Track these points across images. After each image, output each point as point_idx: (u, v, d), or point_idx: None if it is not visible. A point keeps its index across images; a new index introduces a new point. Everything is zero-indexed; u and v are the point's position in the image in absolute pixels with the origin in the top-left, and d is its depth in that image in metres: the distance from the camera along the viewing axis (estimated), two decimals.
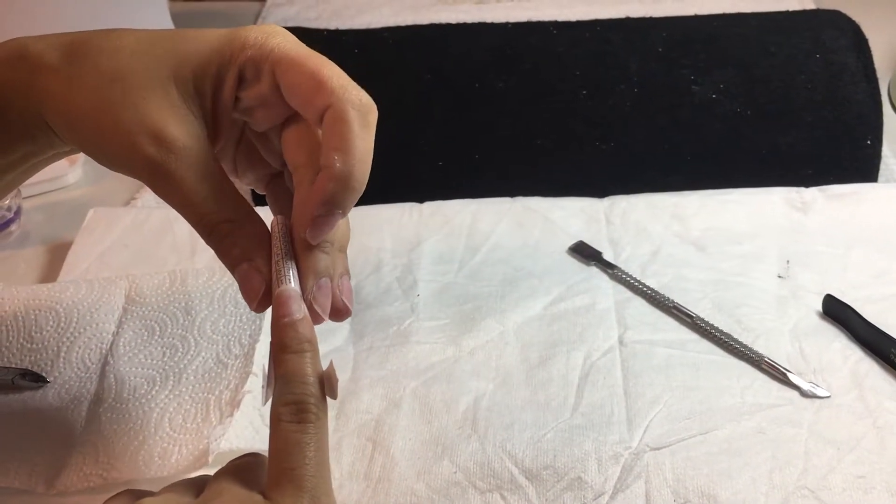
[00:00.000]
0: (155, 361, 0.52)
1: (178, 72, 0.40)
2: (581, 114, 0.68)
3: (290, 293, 0.39)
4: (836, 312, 0.55)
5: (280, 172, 0.46)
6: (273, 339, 0.39)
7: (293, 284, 0.39)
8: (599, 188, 0.68)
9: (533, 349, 0.55)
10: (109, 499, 0.38)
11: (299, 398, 0.37)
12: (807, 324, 0.55)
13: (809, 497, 0.45)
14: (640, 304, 0.58)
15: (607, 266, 0.60)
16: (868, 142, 0.67)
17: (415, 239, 0.64)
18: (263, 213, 0.41)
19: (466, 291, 0.59)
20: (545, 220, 0.65)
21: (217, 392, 0.49)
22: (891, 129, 0.71)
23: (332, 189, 0.37)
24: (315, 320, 0.39)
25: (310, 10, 1.00)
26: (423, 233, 0.64)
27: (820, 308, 0.56)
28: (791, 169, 0.68)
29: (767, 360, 0.52)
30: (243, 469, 0.39)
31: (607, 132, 0.68)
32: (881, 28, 0.76)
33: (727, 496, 0.45)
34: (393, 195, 0.67)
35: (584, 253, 0.62)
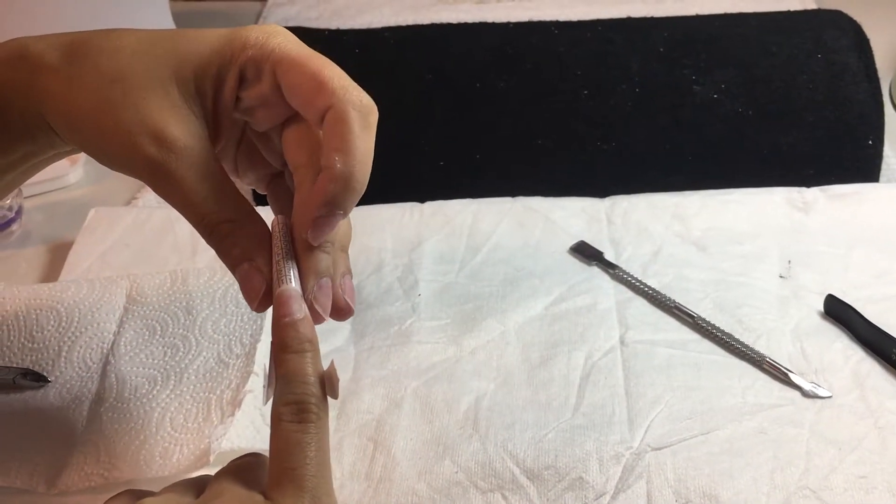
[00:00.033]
0: (156, 361, 0.52)
1: (179, 72, 0.39)
2: (582, 114, 0.68)
3: (291, 293, 0.39)
4: (838, 312, 0.55)
5: (281, 172, 0.45)
6: (274, 339, 0.38)
7: (294, 284, 0.39)
8: (600, 188, 0.68)
9: (534, 349, 0.55)
10: (110, 499, 0.38)
11: (300, 398, 0.37)
12: (808, 324, 0.55)
13: (811, 497, 0.45)
14: (642, 304, 0.58)
15: (608, 266, 0.60)
16: (869, 142, 0.67)
17: (416, 239, 0.64)
18: (265, 213, 0.41)
19: (467, 291, 0.59)
20: (546, 220, 0.65)
21: (218, 392, 0.49)
22: (892, 129, 0.71)
23: (333, 190, 0.37)
24: (316, 320, 0.39)
25: (310, 10, 1.00)
26: (424, 233, 0.64)
27: (821, 308, 0.56)
28: (792, 169, 0.68)
29: (769, 361, 0.52)
30: (244, 469, 0.39)
31: (608, 132, 0.68)
32: (882, 28, 0.76)
33: (729, 496, 0.45)
34: (394, 195, 0.67)
35: (586, 253, 0.62)
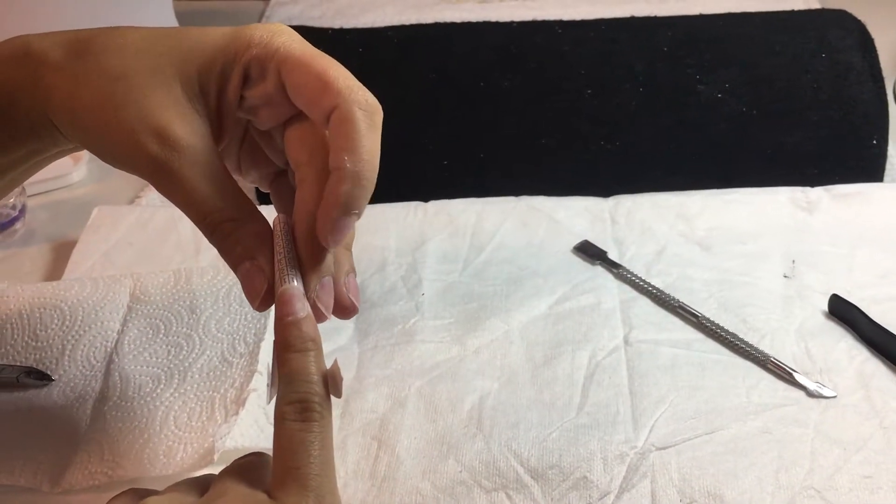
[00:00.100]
0: (160, 360, 0.52)
1: (183, 70, 0.39)
2: (586, 113, 0.68)
3: (293, 292, 0.38)
4: (842, 312, 0.55)
5: (284, 171, 0.45)
6: (276, 338, 0.38)
7: (296, 283, 0.39)
8: (604, 187, 0.68)
9: (538, 348, 0.55)
10: (114, 497, 0.38)
11: (303, 397, 0.37)
12: (813, 323, 0.55)
13: (816, 497, 0.45)
14: (646, 304, 0.58)
15: (612, 265, 0.60)
16: (874, 141, 0.67)
17: (419, 238, 0.64)
18: (268, 212, 0.41)
19: (471, 290, 0.59)
20: (550, 220, 0.65)
21: (222, 390, 0.49)
22: None
23: (347, 191, 0.37)
24: (318, 319, 0.39)
25: (313, 9, 1.00)
26: (428, 232, 0.64)
27: (826, 308, 0.56)
28: (796, 168, 0.67)
29: (773, 360, 0.52)
30: (247, 468, 0.39)
31: (612, 131, 0.67)
32: (887, 27, 0.76)
33: (733, 496, 0.45)
34: (398, 194, 0.67)
35: (589, 252, 0.62)
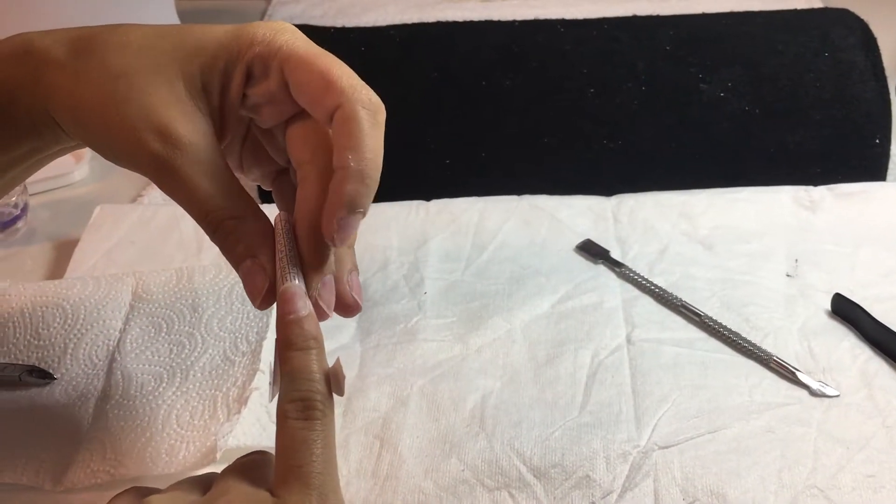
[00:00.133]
0: (162, 358, 0.52)
1: (186, 67, 0.39)
2: (588, 112, 0.68)
3: (295, 290, 0.38)
4: (845, 311, 0.55)
5: (286, 169, 0.45)
6: (278, 336, 0.38)
7: (298, 281, 0.39)
8: (607, 186, 0.68)
9: (540, 347, 0.55)
10: (116, 496, 0.38)
11: (305, 395, 0.37)
12: (815, 323, 0.55)
13: (819, 496, 0.45)
14: (648, 303, 0.57)
15: (615, 264, 0.60)
16: (877, 140, 0.67)
17: (421, 237, 0.64)
18: (270, 210, 0.41)
19: (473, 289, 0.59)
20: (552, 219, 0.65)
21: (224, 389, 0.49)
22: None
23: (352, 190, 0.37)
24: (320, 317, 0.39)
25: (315, 8, 1.00)
26: (430, 231, 0.64)
27: (828, 307, 0.56)
28: (799, 167, 0.67)
29: (776, 359, 0.52)
30: (250, 467, 0.39)
31: (614, 130, 0.67)
32: (890, 26, 0.76)
33: (736, 495, 0.45)
34: (400, 193, 0.67)
35: (592, 251, 0.61)
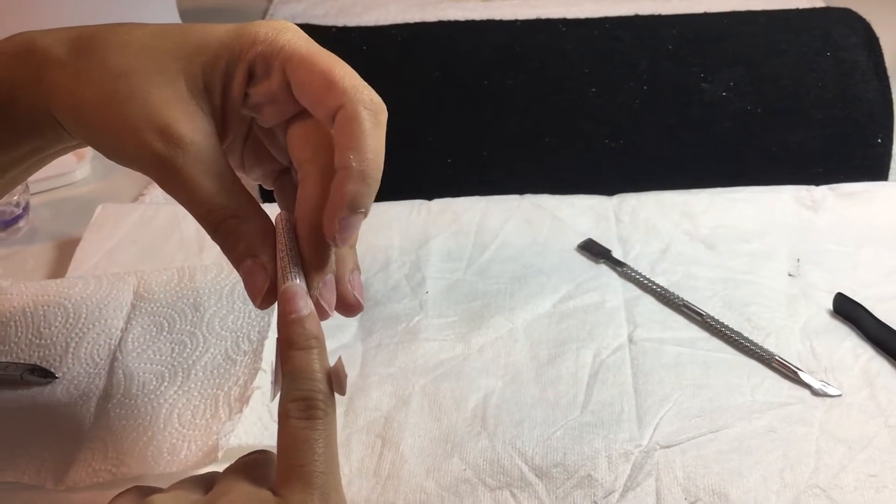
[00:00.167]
0: (163, 357, 0.52)
1: (187, 67, 0.39)
2: (590, 112, 0.67)
3: (297, 289, 0.38)
4: (847, 311, 0.55)
5: (287, 168, 0.45)
6: (280, 336, 0.38)
7: (299, 281, 0.39)
8: (608, 186, 0.67)
9: (542, 347, 0.54)
10: (118, 495, 0.38)
11: (307, 394, 0.37)
12: (817, 322, 0.55)
13: (821, 496, 0.45)
14: (650, 302, 0.57)
15: (616, 264, 0.60)
16: (879, 140, 0.67)
17: (423, 236, 0.63)
18: (271, 209, 0.41)
19: (475, 289, 0.59)
20: (554, 218, 0.65)
21: (226, 388, 0.49)
22: None
23: (353, 190, 0.37)
24: (321, 316, 0.39)
25: (317, 7, 0.99)
26: (432, 230, 0.64)
27: (830, 306, 0.56)
28: (801, 167, 0.67)
29: (778, 359, 0.52)
30: (252, 466, 0.39)
31: (616, 130, 0.67)
32: (892, 26, 0.76)
33: (738, 495, 0.45)
34: (401, 192, 0.67)
35: (593, 251, 0.61)
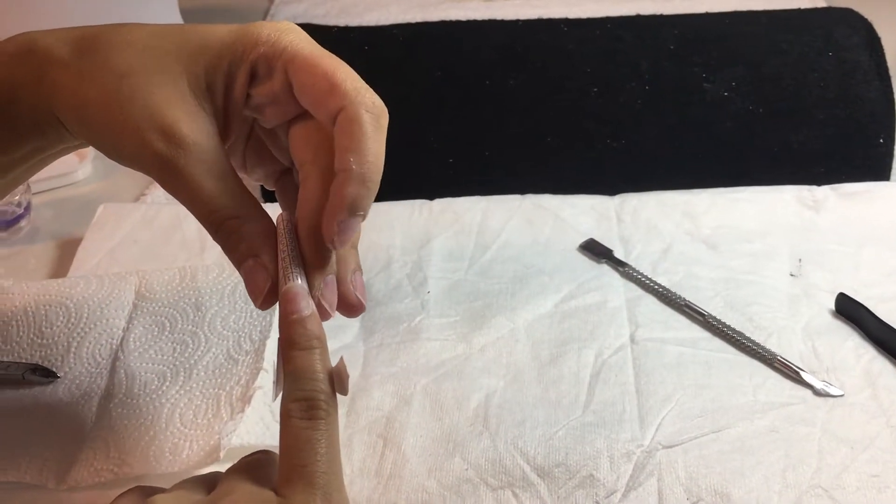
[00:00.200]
0: (165, 357, 0.52)
1: (190, 67, 0.39)
2: (591, 111, 0.67)
3: (298, 290, 0.38)
4: (849, 311, 0.55)
5: (289, 169, 0.45)
6: (281, 336, 0.38)
7: (300, 281, 0.39)
8: (610, 186, 0.67)
9: (544, 346, 0.54)
10: (120, 495, 0.38)
11: (309, 395, 0.37)
12: (819, 322, 0.55)
13: (823, 496, 0.45)
14: (652, 302, 0.57)
15: (618, 264, 0.60)
16: (880, 140, 0.67)
17: (425, 236, 0.63)
18: (273, 209, 0.41)
19: (477, 288, 0.59)
20: (555, 218, 0.65)
21: (228, 388, 0.49)
22: None
23: (353, 193, 0.37)
24: (323, 316, 0.39)
25: (318, 7, 0.99)
26: (433, 230, 0.64)
27: (832, 306, 0.56)
28: (803, 167, 0.67)
29: (780, 359, 0.52)
30: (254, 466, 0.39)
31: (618, 130, 0.67)
32: (894, 26, 0.76)
33: (740, 495, 0.45)
34: (403, 192, 0.67)
35: (595, 250, 0.61)
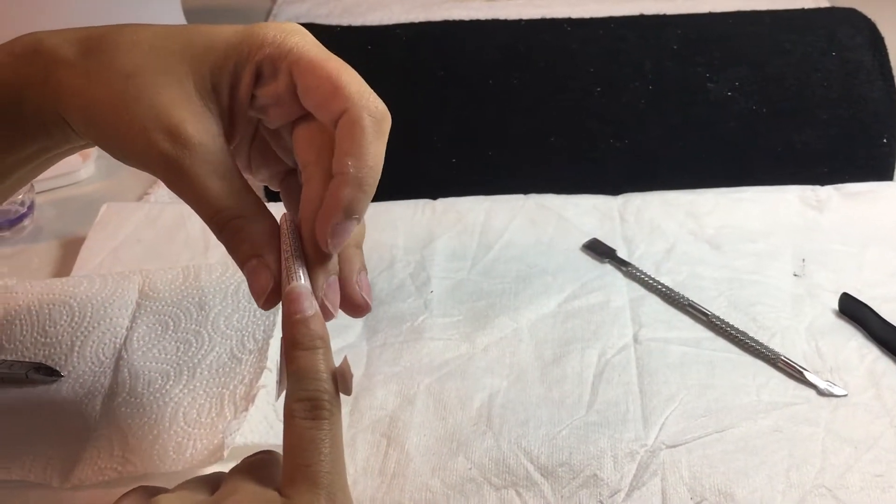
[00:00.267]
0: (169, 356, 0.52)
1: (195, 68, 0.39)
2: (594, 111, 0.68)
3: (301, 290, 0.38)
4: (853, 311, 0.55)
5: (294, 170, 0.45)
6: (285, 336, 0.38)
7: (304, 281, 0.39)
8: (613, 186, 0.67)
9: (547, 346, 0.55)
10: (123, 495, 0.38)
11: (312, 395, 0.37)
12: (823, 322, 0.55)
13: (827, 496, 0.45)
14: (655, 302, 0.57)
15: (621, 263, 0.60)
16: (884, 140, 0.67)
17: (428, 236, 0.64)
18: (277, 210, 0.41)
19: (480, 288, 0.59)
20: (559, 218, 0.65)
21: (231, 387, 0.49)
22: None
23: (348, 196, 0.37)
24: (326, 316, 0.39)
25: (321, 7, 0.99)
26: (437, 229, 0.64)
27: (836, 306, 0.56)
28: (806, 167, 0.67)
29: (783, 359, 0.52)
30: (258, 466, 0.39)
31: (621, 130, 0.67)
32: None
33: (744, 494, 0.45)
34: (406, 192, 0.67)
35: (598, 250, 0.61)
